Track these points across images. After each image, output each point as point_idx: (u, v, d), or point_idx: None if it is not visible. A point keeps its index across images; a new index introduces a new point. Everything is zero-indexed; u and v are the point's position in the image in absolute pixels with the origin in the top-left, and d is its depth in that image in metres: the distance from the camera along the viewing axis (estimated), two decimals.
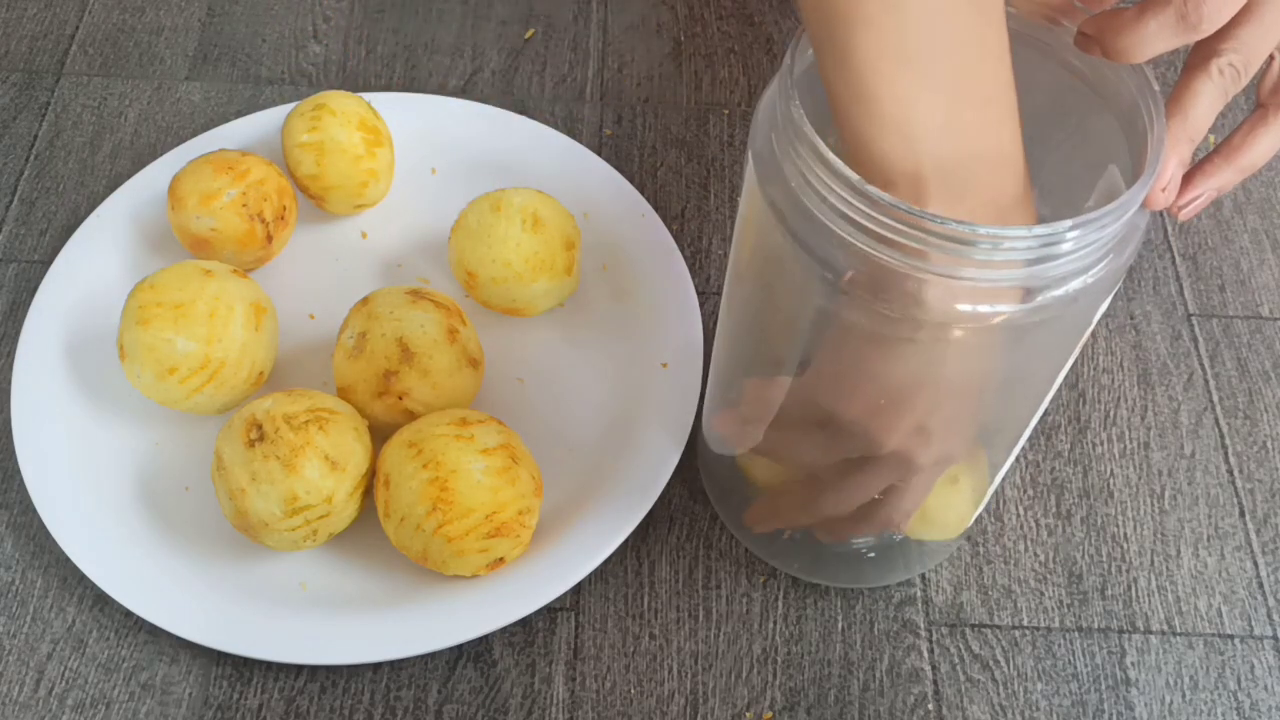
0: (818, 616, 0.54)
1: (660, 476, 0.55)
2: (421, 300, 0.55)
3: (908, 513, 0.49)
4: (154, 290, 0.54)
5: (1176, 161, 0.39)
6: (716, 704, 0.52)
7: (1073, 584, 0.56)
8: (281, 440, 0.50)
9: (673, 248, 0.62)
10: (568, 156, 0.66)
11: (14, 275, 0.63)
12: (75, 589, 0.54)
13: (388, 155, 0.63)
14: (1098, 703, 0.53)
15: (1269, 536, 0.58)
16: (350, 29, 0.74)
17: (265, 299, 0.57)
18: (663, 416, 0.57)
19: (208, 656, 0.52)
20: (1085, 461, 0.59)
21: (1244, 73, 0.39)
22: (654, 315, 0.61)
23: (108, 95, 0.71)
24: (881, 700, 0.52)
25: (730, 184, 0.68)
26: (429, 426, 0.51)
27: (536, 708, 0.52)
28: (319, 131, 0.60)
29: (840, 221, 0.37)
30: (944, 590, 0.55)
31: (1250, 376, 0.63)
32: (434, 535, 0.50)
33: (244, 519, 0.51)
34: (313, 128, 0.60)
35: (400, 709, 0.51)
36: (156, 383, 0.54)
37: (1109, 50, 0.38)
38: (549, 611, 0.54)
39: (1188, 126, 0.39)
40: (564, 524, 0.54)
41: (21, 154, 0.68)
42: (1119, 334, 0.64)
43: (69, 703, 0.51)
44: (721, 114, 0.71)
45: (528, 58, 0.73)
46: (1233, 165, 0.41)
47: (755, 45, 0.75)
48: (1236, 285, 0.66)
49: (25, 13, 0.74)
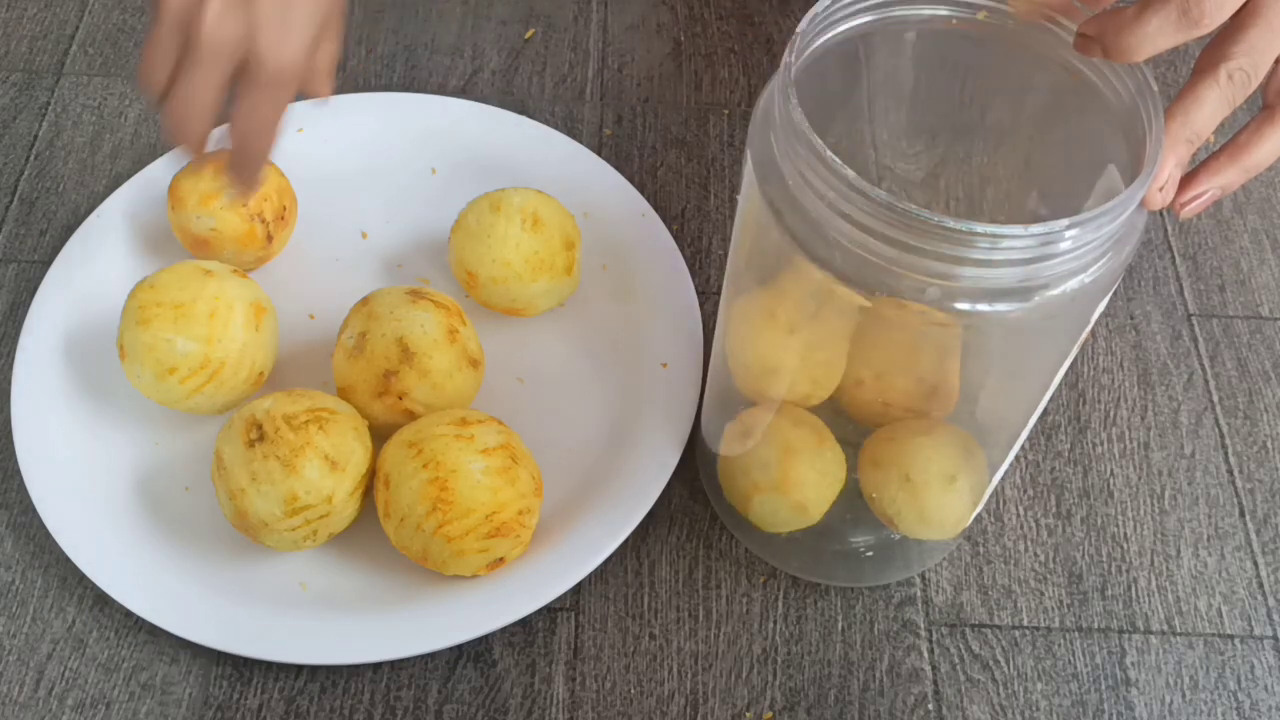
0: (818, 616, 0.54)
1: (660, 476, 0.55)
2: (421, 300, 0.55)
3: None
4: (154, 290, 0.54)
5: (1174, 161, 0.39)
6: (716, 704, 0.52)
7: (1073, 584, 0.56)
8: (281, 440, 0.50)
9: (673, 248, 0.62)
10: (568, 156, 0.66)
11: (14, 275, 0.63)
12: (75, 589, 0.54)
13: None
14: (1098, 703, 0.53)
15: (1269, 536, 0.58)
16: (350, 29, 0.74)
17: (265, 299, 0.57)
18: (663, 416, 0.57)
19: (208, 656, 0.52)
20: (1085, 461, 0.59)
21: (1253, 77, 0.38)
22: (654, 315, 0.61)
23: (108, 95, 0.71)
24: (881, 700, 0.52)
25: (730, 184, 0.68)
26: (429, 426, 0.51)
27: (536, 708, 0.52)
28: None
29: (838, 221, 0.37)
30: (944, 590, 0.55)
31: (1250, 376, 0.63)
32: (434, 535, 0.50)
33: (244, 519, 0.51)
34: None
35: (400, 709, 0.51)
36: (156, 383, 0.54)
37: (1110, 49, 0.38)
38: (549, 611, 0.54)
39: (1188, 128, 0.39)
40: (564, 524, 0.54)
41: (21, 154, 0.68)
42: (1119, 334, 0.64)
43: (69, 703, 0.51)
44: (721, 114, 0.71)
45: (528, 58, 0.74)
46: (1237, 165, 0.41)
47: (755, 45, 0.75)
48: (1236, 285, 0.66)
49: (25, 13, 0.74)
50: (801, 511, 0.51)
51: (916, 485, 0.49)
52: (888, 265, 0.37)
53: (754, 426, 0.52)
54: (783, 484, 0.50)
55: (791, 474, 0.50)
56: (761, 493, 0.51)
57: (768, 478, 0.50)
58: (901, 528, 0.50)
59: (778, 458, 0.50)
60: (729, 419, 0.53)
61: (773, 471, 0.50)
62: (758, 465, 0.51)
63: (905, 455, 0.49)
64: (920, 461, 0.49)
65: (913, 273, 0.37)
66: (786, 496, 0.50)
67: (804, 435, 0.50)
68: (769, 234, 0.40)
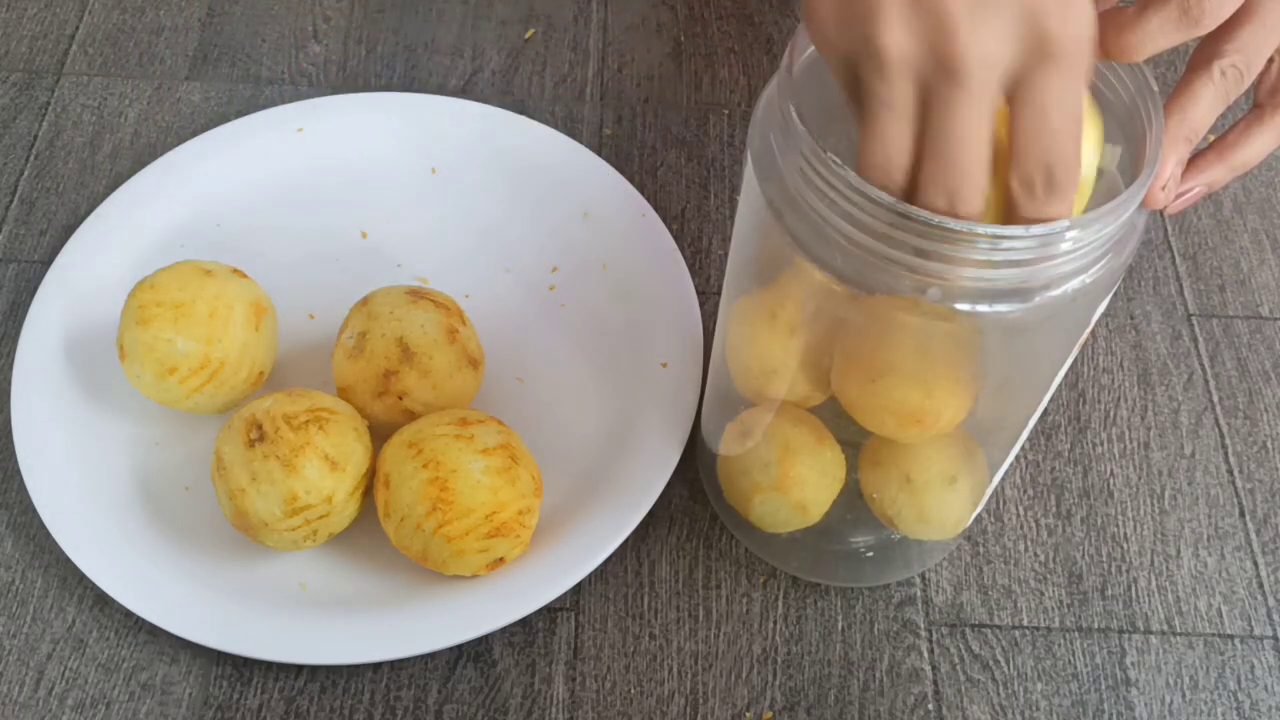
0: (818, 616, 0.54)
1: (660, 476, 0.55)
2: (421, 300, 0.55)
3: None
4: (154, 290, 0.54)
5: (1175, 160, 0.39)
6: (716, 704, 0.52)
7: (1073, 584, 0.56)
8: (281, 440, 0.50)
9: (673, 248, 0.62)
10: (568, 156, 0.66)
11: (14, 275, 0.63)
12: (75, 589, 0.54)
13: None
14: (1098, 703, 0.53)
15: (1269, 536, 0.58)
16: (350, 29, 0.75)
17: (265, 299, 0.57)
18: (663, 416, 0.57)
19: (208, 656, 0.52)
20: (1085, 461, 0.59)
21: (1246, 74, 0.39)
22: (654, 315, 0.61)
23: (108, 95, 0.71)
24: (881, 700, 0.52)
25: (730, 184, 0.68)
26: (429, 426, 0.51)
27: (536, 708, 0.52)
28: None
29: (839, 221, 0.37)
30: (944, 590, 0.55)
31: (1250, 376, 0.63)
32: (434, 535, 0.50)
33: (244, 519, 0.51)
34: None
35: (400, 709, 0.51)
36: (156, 383, 0.54)
37: (1110, 49, 0.38)
38: (549, 611, 0.54)
39: (1186, 126, 0.39)
40: (564, 524, 0.54)
41: (21, 154, 0.68)
42: (1119, 334, 0.64)
43: (69, 703, 0.51)
44: (721, 114, 0.71)
45: (528, 58, 0.74)
46: (1225, 162, 0.41)
47: (755, 45, 0.75)
48: (1236, 285, 0.66)
49: (25, 13, 0.74)
50: (801, 511, 0.51)
51: (917, 485, 0.49)
52: (888, 266, 0.37)
53: (754, 427, 0.52)
54: (783, 484, 0.50)
55: (791, 474, 0.50)
56: (762, 493, 0.51)
57: (768, 478, 0.50)
58: (902, 528, 0.50)
59: (778, 457, 0.50)
60: (729, 419, 0.53)
61: (773, 471, 0.50)
62: (758, 465, 0.51)
63: (906, 455, 0.49)
64: (921, 462, 0.49)
65: (913, 273, 0.37)
66: (786, 496, 0.50)
67: (804, 435, 0.50)
68: (769, 234, 0.40)
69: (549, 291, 0.63)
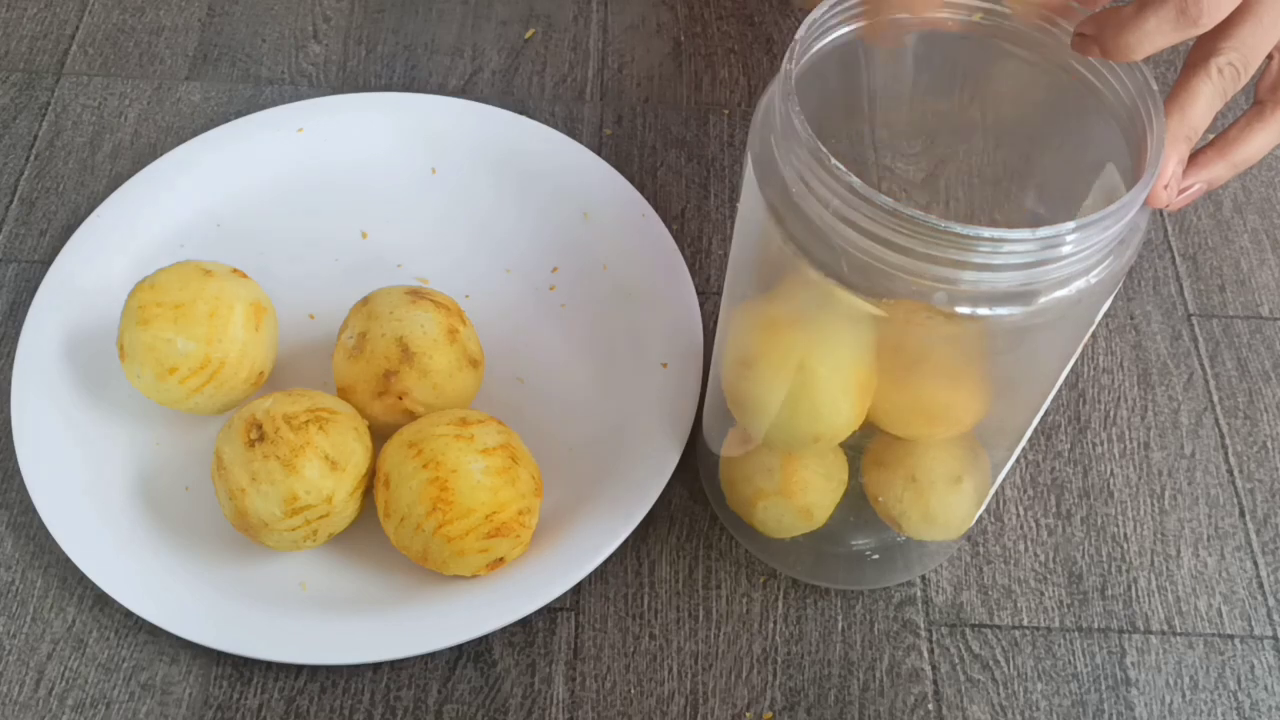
0: (818, 616, 0.54)
1: (660, 476, 0.55)
2: (421, 300, 0.55)
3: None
4: (154, 290, 0.54)
5: (1176, 159, 0.39)
6: (716, 704, 0.52)
7: (1073, 584, 0.56)
8: (281, 440, 0.50)
9: (673, 248, 0.62)
10: (568, 156, 0.66)
11: (14, 275, 0.63)
12: (75, 589, 0.54)
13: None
14: (1098, 703, 0.53)
15: (1269, 536, 0.58)
16: (350, 29, 0.74)
17: (265, 299, 0.57)
18: (663, 416, 0.57)
19: (208, 656, 0.52)
20: (1085, 461, 0.59)
21: (1243, 72, 0.39)
22: (654, 315, 0.61)
23: (108, 95, 0.71)
24: (881, 700, 0.52)
25: (730, 184, 0.68)
26: (429, 426, 0.51)
27: (536, 708, 0.52)
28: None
29: (839, 224, 0.37)
30: (944, 590, 0.55)
31: (1250, 376, 0.63)
32: (434, 535, 0.50)
33: (244, 519, 0.51)
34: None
35: (400, 709, 0.51)
36: (156, 383, 0.54)
37: (1108, 49, 0.38)
38: (549, 611, 0.54)
39: (1186, 124, 0.39)
40: (564, 524, 0.54)
41: (21, 154, 0.68)
42: (1119, 334, 0.64)
43: (69, 703, 0.51)
44: (721, 114, 0.71)
45: (528, 58, 0.73)
46: (1226, 160, 0.41)
47: (755, 45, 0.75)
48: (1236, 285, 0.66)
49: (25, 13, 0.74)
50: (806, 516, 0.51)
51: (922, 486, 0.49)
52: (891, 270, 0.37)
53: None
54: (787, 488, 0.50)
55: (795, 478, 0.50)
56: (766, 498, 0.51)
57: (771, 482, 0.50)
58: (906, 529, 0.50)
59: (780, 462, 0.50)
60: (731, 422, 0.53)
61: (776, 476, 0.50)
62: (761, 470, 0.51)
63: (911, 456, 0.49)
64: (926, 462, 0.49)
65: (915, 277, 0.37)
66: (791, 501, 0.50)
67: None
68: (770, 239, 0.40)
69: (549, 291, 0.63)
